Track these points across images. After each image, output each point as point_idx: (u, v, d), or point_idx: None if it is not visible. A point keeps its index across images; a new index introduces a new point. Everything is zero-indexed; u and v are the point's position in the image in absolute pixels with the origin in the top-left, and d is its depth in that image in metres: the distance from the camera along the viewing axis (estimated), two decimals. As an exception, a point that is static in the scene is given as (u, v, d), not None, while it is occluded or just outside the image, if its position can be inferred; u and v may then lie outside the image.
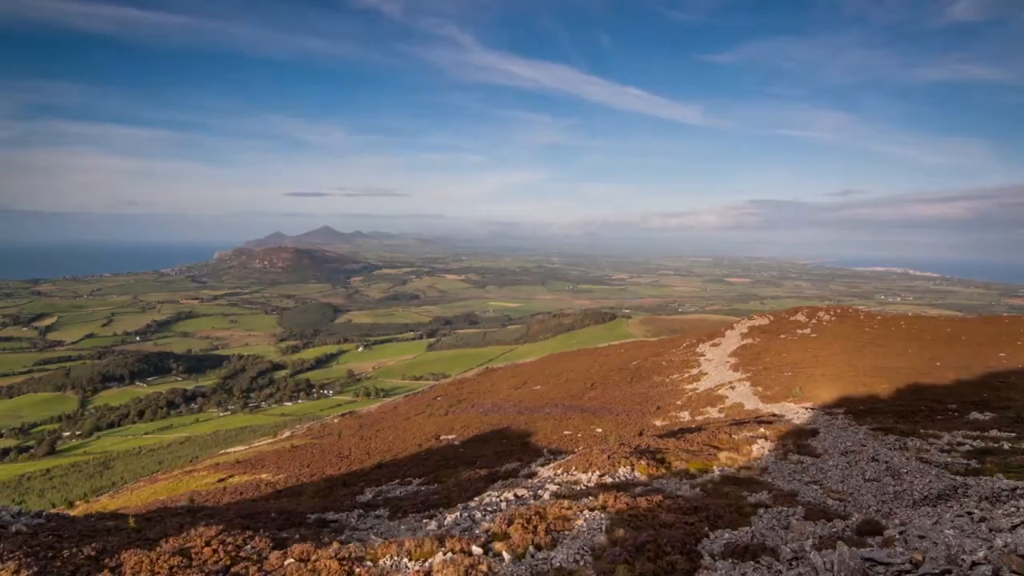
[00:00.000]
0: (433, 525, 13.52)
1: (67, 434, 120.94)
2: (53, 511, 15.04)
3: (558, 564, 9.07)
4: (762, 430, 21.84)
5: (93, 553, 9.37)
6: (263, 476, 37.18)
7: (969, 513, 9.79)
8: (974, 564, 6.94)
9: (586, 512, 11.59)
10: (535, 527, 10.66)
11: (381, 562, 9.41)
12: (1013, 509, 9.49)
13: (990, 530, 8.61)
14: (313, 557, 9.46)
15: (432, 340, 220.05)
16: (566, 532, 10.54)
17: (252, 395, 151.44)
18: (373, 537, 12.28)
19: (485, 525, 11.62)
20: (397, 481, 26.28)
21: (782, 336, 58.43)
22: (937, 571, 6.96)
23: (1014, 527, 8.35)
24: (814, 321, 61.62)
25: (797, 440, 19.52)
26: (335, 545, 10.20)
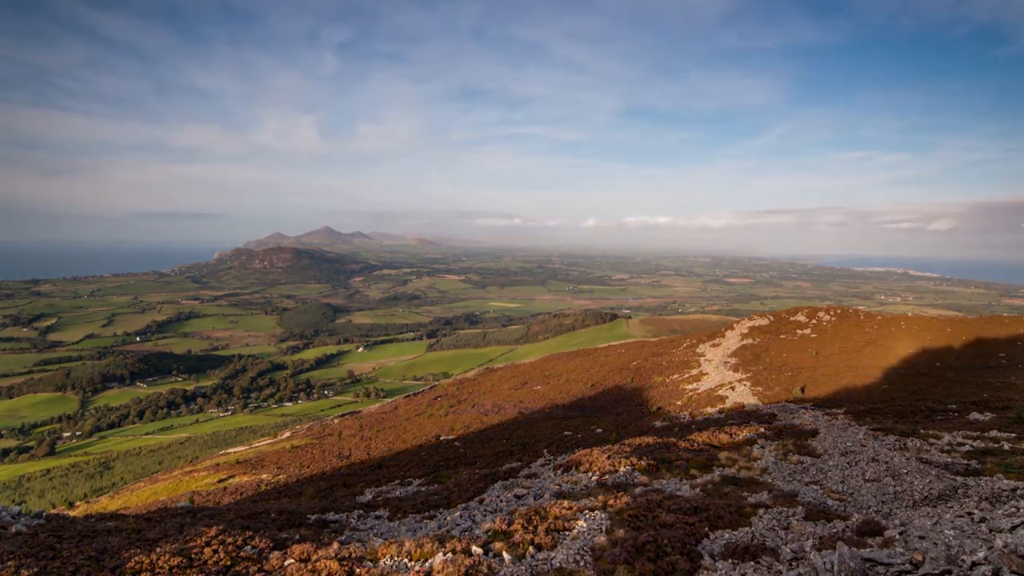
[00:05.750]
0: (433, 525, 13.54)
1: (67, 434, 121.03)
2: (53, 511, 15.06)
3: (558, 564, 9.07)
4: (762, 430, 21.84)
5: (93, 554, 9.38)
6: (263, 476, 37.25)
7: (969, 514, 9.79)
8: (974, 564, 6.95)
9: (586, 512, 11.59)
10: (535, 527, 10.66)
11: (382, 562, 9.42)
12: (1013, 509, 9.49)
13: (990, 530, 8.61)
14: (313, 557, 9.48)
15: (432, 340, 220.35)
16: (566, 532, 10.54)
17: (252, 395, 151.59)
18: (373, 537, 12.30)
19: (485, 525, 11.62)
20: (397, 481, 26.30)
21: (782, 336, 58.43)
22: (937, 571, 6.96)
23: (1014, 527, 8.36)
24: (814, 321, 61.61)
25: (797, 440, 19.52)
26: (335, 545, 10.21)
